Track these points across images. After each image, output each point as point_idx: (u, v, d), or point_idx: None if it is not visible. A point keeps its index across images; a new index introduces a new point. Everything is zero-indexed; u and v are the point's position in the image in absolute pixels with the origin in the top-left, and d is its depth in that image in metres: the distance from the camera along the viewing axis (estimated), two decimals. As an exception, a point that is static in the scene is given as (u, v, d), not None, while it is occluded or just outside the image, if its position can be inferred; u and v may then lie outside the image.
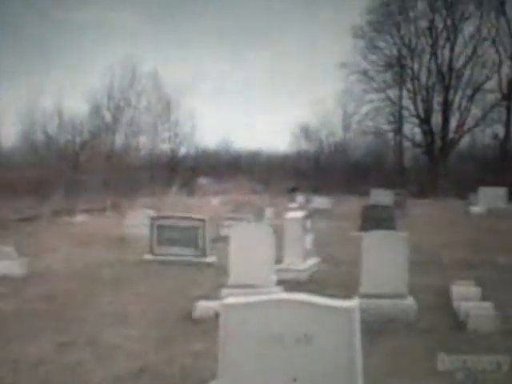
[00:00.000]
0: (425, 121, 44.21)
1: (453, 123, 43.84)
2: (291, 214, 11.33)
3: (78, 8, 59.16)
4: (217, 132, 66.91)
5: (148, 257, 12.27)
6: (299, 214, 11.45)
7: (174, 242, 12.34)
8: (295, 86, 64.85)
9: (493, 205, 23.73)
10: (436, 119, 44.16)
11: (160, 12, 61.82)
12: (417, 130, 45.33)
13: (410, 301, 7.58)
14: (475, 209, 23.83)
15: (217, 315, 5.20)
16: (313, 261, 11.02)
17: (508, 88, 41.59)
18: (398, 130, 45.31)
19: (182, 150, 45.06)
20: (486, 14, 41.72)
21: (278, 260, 9.90)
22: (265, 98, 64.90)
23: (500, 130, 42.83)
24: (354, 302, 3.87)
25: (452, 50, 42.93)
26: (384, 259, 7.54)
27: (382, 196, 24.34)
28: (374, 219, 15.07)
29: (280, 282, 8.66)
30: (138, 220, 15.85)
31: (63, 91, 52.24)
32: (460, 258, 12.20)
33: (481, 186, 25.56)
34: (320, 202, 25.93)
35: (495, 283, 9.54)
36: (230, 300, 3.91)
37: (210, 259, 11.96)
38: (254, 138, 79.57)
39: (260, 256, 8.27)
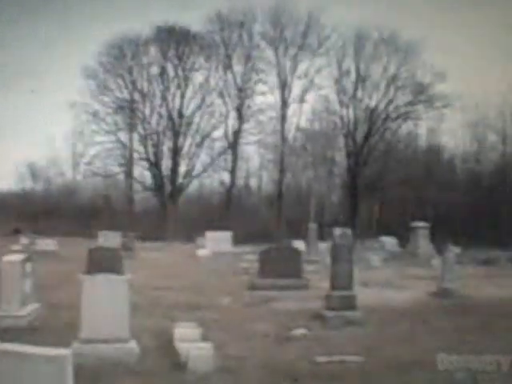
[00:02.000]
0: (155, 164, 45.08)
1: (182, 168, 45.43)
2: (9, 257, 10.63)
3: None
4: None
5: None
6: (18, 256, 10.80)
7: None
8: (23, 122, 62.12)
9: (218, 248, 24.82)
10: (166, 163, 45.30)
11: None
12: (147, 173, 46.08)
13: (132, 344, 7.53)
14: (202, 251, 24.69)
15: None
16: (33, 306, 10.43)
17: (233, 137, 44.46)
18: (128, 173, 45.59)
19: None
20: (214, 66, 44.53)
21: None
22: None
23: (226, 177, 45.52)
24: (67, 350, 3.75)
25: (182, 97, 44.71)
26: (105, 303, 7.39)
27: (109, 238, 24.14)
28: (100, 262, 14.78)
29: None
30: None
31: None
32: (183, 300, 12.50)
33: (208, 229, 26.65)
34: (46, 243, 24.93)
35: (216, 324, 9.93)
36: None
37: None
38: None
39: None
